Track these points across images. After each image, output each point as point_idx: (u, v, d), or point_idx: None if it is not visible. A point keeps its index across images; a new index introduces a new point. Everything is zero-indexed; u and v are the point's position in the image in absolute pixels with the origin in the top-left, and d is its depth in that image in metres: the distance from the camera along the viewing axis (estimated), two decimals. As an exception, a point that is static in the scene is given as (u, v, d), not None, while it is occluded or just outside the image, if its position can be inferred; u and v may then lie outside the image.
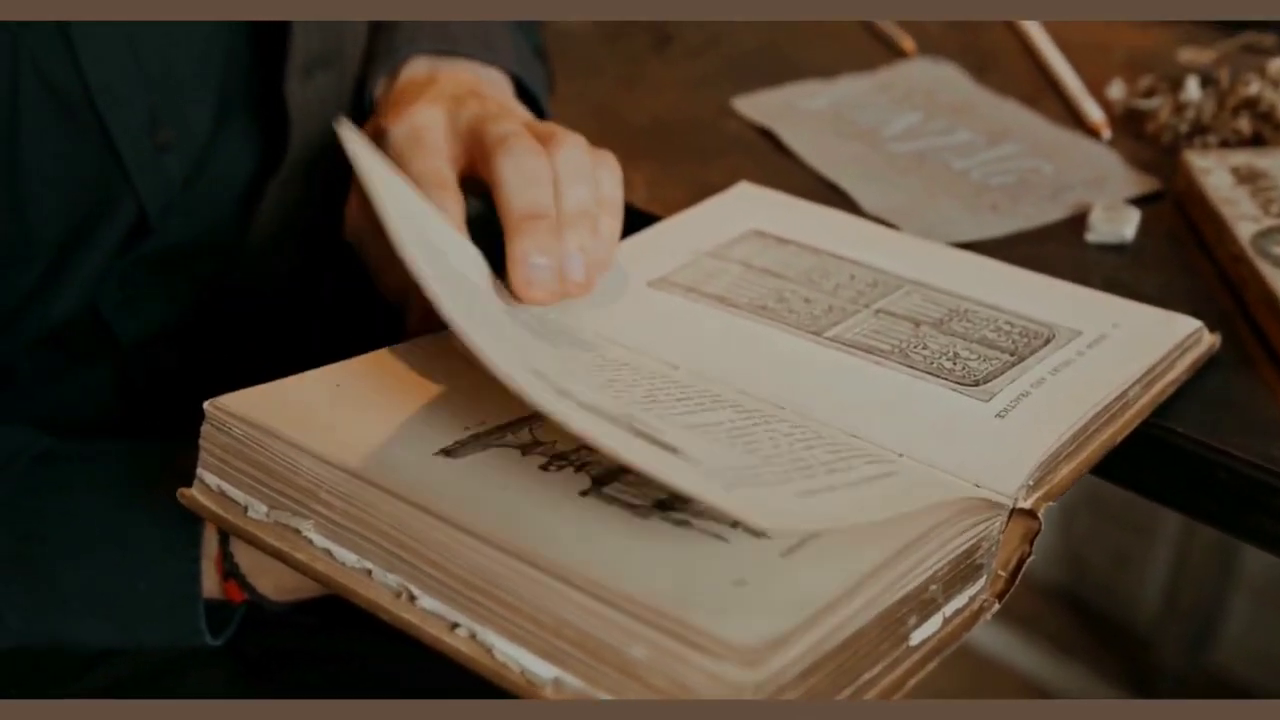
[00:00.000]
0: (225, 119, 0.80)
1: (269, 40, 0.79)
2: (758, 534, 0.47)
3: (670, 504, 0.49)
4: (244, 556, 0.61)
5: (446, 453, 0.52)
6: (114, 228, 0.76)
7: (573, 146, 0.63)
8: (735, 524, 0.48)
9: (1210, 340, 0.66)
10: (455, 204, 0.62)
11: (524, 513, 0.48)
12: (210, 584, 0.62)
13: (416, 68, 0.77)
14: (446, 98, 0.65)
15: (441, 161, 0.62)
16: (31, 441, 0.66)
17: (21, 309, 0.74)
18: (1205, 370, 0.66)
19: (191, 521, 0.61)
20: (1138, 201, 0.81)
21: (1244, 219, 0.74)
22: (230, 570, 0.61)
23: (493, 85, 0.77)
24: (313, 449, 0.51)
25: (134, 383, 0.82)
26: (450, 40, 0.80)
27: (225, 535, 0.61)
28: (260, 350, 0.89)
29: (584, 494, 0.49)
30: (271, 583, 0.62)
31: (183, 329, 0.84)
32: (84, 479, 0.64)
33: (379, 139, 0.64)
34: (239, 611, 0.64)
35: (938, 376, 0.60)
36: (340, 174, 0.88)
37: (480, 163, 0.62)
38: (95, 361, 0.81)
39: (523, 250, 0.59)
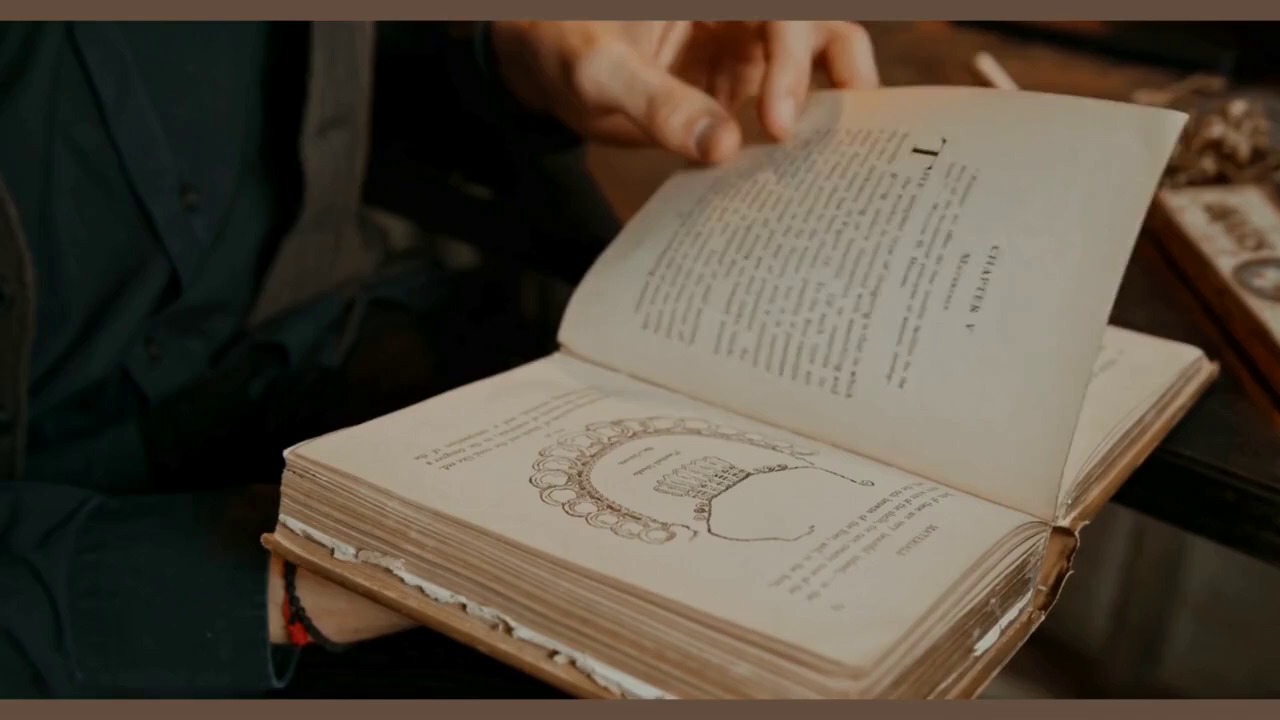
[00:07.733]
0: (244, 179, 0.83)
1: (285, 101, 0.82)
2: None
3: None
4: (308, 599, 0.63)
5: (531, 481, 0.55)
6: (146, 290, 0.78)
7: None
8: None
9: (1210, 369, 0.71)
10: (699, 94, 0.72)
11: (610, 551, 0.50)
12: (275, 628, 0.64)
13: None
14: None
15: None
16: (85, 498, 0.67)
17: (53, 372, 0.76)
18: (1204, 398, 0.70)
19: (257, 568, 0.63)
20: (1117, 239, 0.86)
21: (1223, 254, 0.79)
22: (296, 614, 0.63)
23: None
24: (400, 493, 0.53)
25: (159, 440, 0.84)
26: None
27: (291, 580, 0.63)
28: (274, 402, 0.91)
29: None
30: (334, 624, 0.63)
31: (200, 386, 0.86)
32: (146, 532, 0.65)
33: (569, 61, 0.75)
34: (297, 653, 0.66)
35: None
36: (342, 229, 0.91)
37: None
38: (122, 420, 0.82)
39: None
